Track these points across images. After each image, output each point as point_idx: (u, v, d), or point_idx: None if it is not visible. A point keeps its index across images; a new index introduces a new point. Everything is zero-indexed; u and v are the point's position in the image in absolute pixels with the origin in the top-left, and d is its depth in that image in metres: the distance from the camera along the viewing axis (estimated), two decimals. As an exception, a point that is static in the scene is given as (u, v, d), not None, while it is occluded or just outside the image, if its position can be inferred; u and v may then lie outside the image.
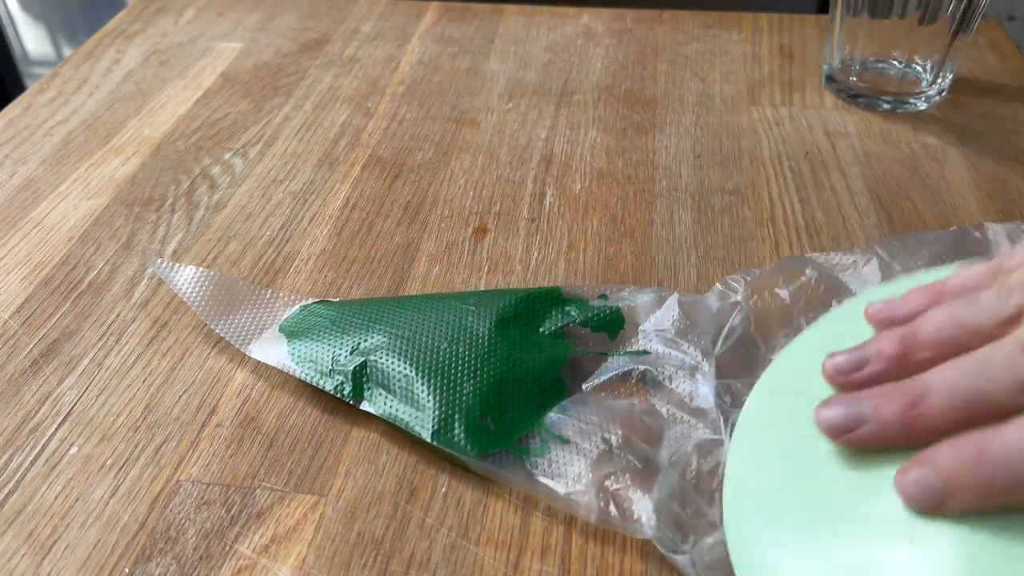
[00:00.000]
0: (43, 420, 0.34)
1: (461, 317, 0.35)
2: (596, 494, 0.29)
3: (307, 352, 0.35)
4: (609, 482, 0.29)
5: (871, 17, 0.50)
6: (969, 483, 0.23)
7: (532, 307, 0.36)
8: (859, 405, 0.25)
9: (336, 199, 0.46)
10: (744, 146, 0.49)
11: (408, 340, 0.34)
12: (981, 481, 0.23)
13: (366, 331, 0.35)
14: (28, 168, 0.49)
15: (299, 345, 0.35)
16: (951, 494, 0.23)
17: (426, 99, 0.54)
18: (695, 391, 0.32)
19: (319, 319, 0.36)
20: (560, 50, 0.59)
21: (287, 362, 0.35)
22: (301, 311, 0.37)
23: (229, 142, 0.51)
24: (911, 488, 0.24)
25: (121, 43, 0.62)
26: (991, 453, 0.23)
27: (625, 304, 0.36)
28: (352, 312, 0.36)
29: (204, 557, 0.29)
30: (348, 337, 0.35)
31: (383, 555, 0.29)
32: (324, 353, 0.34)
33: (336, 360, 0.34)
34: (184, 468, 0.32)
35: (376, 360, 0.34)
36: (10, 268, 0.41)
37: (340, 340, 0.35)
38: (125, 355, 0.37)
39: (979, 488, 0.23)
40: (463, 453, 0.31)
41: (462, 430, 0.31)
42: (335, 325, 0.35)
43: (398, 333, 0.34)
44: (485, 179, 0.47)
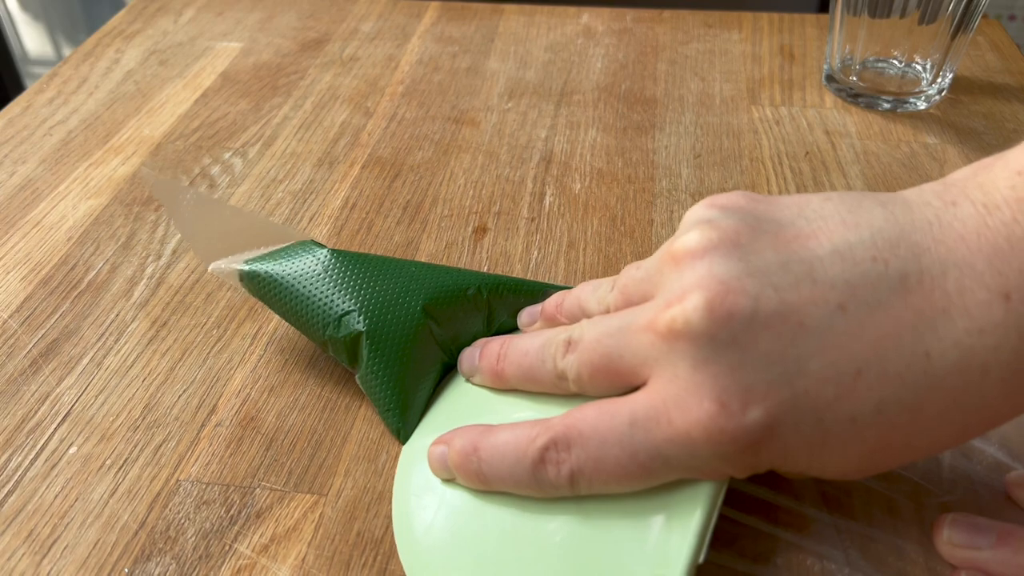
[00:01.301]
0: (42, 420, 0.34)
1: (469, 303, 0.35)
2: None
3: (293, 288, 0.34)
4: None
5: (871, 16, 0.50)
6: (465, 469, 0.29)
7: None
8: (474, 354, 0.33)
9: (336, 199, 0.46)
10: (744, 146, 0.49)
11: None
12: (473, 471, 0.28)
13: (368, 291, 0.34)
14: (27, 168, 0.49)
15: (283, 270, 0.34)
16: (456, 473, 0.29)
17: (426, 99, 0.54)
18: None
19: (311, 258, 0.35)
20: (560, 50, 0.59)
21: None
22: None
23: (228, 142, 0.51)
24: (432, 458, 0.30)
25: (121, 43, 0.62)
26: (481, 450, 0.28)
27: None
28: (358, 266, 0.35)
29: (204, 557, 0.29)
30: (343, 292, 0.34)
31: (383, 555, 0.29)
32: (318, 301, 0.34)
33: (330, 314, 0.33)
34: (184, 468, 0.32)
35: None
36: (9, 268, 0.41)
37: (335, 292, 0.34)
38: (124, 355, 0.37)
39: (472, 475, 0.28)
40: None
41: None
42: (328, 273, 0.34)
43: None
44: (485, 179, 0.47)
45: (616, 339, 0.27)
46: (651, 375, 0.26)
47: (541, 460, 0.27)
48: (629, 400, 0.26)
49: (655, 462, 0.25)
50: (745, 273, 0.24)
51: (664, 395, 0.25)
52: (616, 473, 0.26)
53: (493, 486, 0.28)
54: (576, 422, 0.27)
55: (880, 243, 0.24)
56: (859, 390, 0.23)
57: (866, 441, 0.24)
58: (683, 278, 0.25)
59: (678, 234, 0.27)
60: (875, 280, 0.23)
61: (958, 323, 0.23)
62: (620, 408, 0.26)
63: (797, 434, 0.24)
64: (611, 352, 0.27)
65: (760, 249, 0.25)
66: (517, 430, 0.28)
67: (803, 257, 0.24)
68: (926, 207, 0.24)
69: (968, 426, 0.24)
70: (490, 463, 0.28)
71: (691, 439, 0.24)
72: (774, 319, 0.24)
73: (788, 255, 0.25)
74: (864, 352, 0.23)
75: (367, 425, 0.33)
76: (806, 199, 0.26)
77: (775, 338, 0.24)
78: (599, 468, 0.26)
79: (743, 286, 0.24)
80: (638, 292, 0.28)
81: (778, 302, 0.24)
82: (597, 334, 0.28)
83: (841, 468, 0.25)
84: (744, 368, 0.24)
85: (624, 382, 0.27)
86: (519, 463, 0.27)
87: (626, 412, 0.26)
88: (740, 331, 0.24)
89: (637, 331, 0.26)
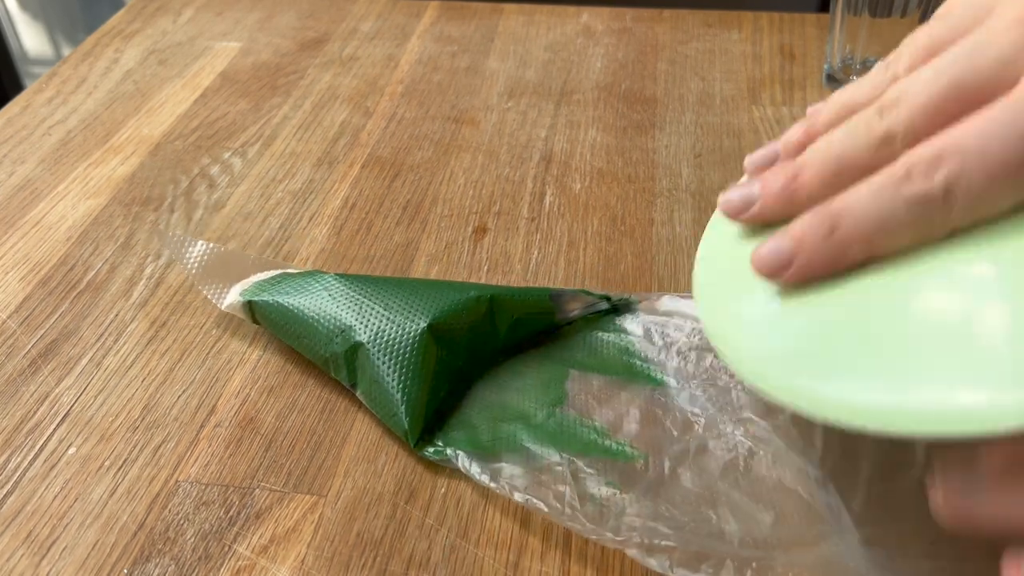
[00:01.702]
0: (41, 420, 0.34)
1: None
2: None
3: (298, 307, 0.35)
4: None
5: (872, 16, 0.50)
6: (812, 237, 0.24)
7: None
8: (751, 187, 0.27)
9: (335, 199, 0.46)
10: (745, 145, 0.49)
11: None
12: (824, 233, 0.24)
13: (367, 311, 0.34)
14: (26, 168, 0.49)
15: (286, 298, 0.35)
16: (797, 251, 0.24)
17: (425, 98, 0.54)
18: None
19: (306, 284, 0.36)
20: (560, 49, 0.59)
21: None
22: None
23: (228, 141, 0.50)
24: (764, 253, 0.25)
25: (120, 42, 0.62)
26: (834, 206, 0.24)
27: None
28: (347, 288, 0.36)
29: (203, 558, 0.29)
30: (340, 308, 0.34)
31: (382, 556, 0.29)
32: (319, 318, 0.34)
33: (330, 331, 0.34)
34: (183, 468, 0.32)
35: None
36: (8, 268, 0.41)
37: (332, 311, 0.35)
38: (124, 355, 0.36)
39: (821, 240, 0.24)
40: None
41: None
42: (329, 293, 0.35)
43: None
44: (485, 178, 0.47)
45: (962, 62, 0.23)
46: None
47: (907, 177, 0.22)
48: (1004, 98, 0.22)
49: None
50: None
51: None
52: (1002, 164, 0.21)
53: (849, 245, 0.23)
54: (943, 135, 0.22)
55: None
56: None
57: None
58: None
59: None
60: None
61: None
62: (995, 105, 0.22)
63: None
64: (958, 77, 0.23)
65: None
66: (873, 176, 0.23)
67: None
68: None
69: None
70: (845, 211, 0.23)
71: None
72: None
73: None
74: None
75: (366, 426, 0.33)
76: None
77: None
78: (981, 165, 0.21)
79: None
80: (956, 33, 0.24)
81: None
82: (925, 77, 0.23)
83: None
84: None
85: (982, 105, 0.22)
86: (882, 192, 0.23)
87: (1004, 103, 0.21)
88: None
89: (998, 34, 0.22)
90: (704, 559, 0.26)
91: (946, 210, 0.22)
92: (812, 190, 0.25)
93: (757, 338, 0.25)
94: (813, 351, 0.23)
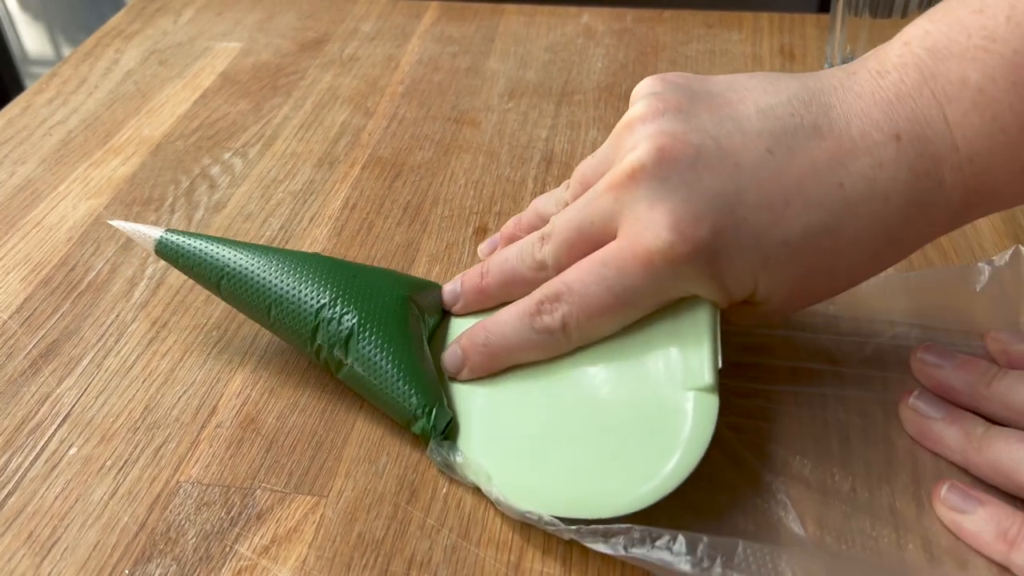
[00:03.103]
0: (43, 421, 0.34)
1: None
2: None
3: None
4: None
5: (872, 16, 0.50)
6: (474, 349, 0.33)
7: None
8: (456, 284, 0.36)
9: (336, 199, 0.46)
10: (745, 146, 0.49)
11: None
12: (480, 346, 0.33)
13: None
14: (27, 168, 0.49)
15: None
16: (466, 358, 0.33)
17: (426, 99, 0.54)
18: None
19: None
20: (560, 49, 0.59)
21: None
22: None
23: (228, 142, 0.50)
24: (445, 359, 0.34)
25: (120, 43, 0.62)
26: (487, 326, 0.33)
27: None
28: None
29: (204, 558, 0.29)
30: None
31: (384, 556, 0.29)
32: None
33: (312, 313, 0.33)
34: (184, 469, 0.32)
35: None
36: (9, 268, 0.41)
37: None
38: (125, 356, 0.36)
39: (479, 351, 0.33)
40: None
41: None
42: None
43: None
44: (485, 179, 0.47)
45: (584, 211, 0.31)
46: (618, 226, 0.30)
47: (537, 312, 0.31)
48: (601, 249, 0.30)
49: (627, 292, 0.30)
50: (688, 129, 0.29)
51: (628, 235, 0.29)
52: (598, 310, 0.30)
53: (500, 356, 0.33)
54: (562, 277, 0.31)
55: (796, 103, 0.29)
56: (789, 217, 0.28)
57: (798, 264, 0.29)
58: (635, 136, 0.30)
59: (629, 110, 0.32)
60: (794, 130, 0.29)
61: (862, 160, 0.28)
62: (594, 257, 0.30)
63: (741, 254, 0.28)
64: (581, 223, 0.31)
65: (699, 112, 0.30)
66: (517, 303, 0.32)
67: (734, 116, 0.30)
68: (831, 77, 0.30)
69: (879, 253, 0.30)
70: (494, 331, 0.32)
71: (653, 265, 0.29)
72: (714, 161, 0.29)
73: (722, 116, 0.30)
74: (790, 186, 0.28)
75: (368, 426, 0.33)
76: (734, 77, 0.32)
77: (716, 176, 0.29)
78: (583, 308, 0.30)
79: (687, 137, 0.29)
80: (596, 174, 0.32)
81: (716, 148, 0.29)
82: (566, 217, 0.32)
83: (783, 293, 0.30)
84: (693, 201, 0.28)
85: (598, 246, 0.31)
86: (520, 320, 0.32)
87: (598, 258, 0.30)
88: (687, 172, 0.29)
89: (601, 194, 0.30)
90: (658, 536, 0.27)
91: (565, 338, 0.31)
92: (494, 292, 0.34)
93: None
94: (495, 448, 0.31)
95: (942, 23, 0.29)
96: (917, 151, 0.28)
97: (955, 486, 0.29)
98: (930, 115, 0.28)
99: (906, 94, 0.28)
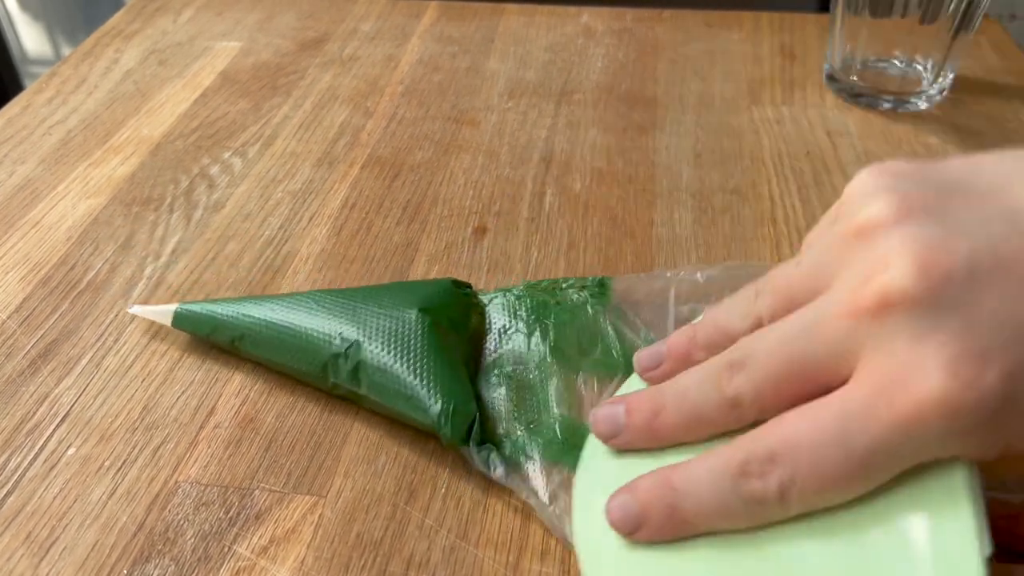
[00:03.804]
0: (41, 420, 0.34)
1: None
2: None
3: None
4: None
5: (872, 16, 0.50)
6: (658, 510, 0.25)
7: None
8: (617, 411, 0.29)
9: (335, 199, 0.46)
10: (745, 145, 0.49)
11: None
12: (666, 508, 0.25)
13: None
14: (26, 168, 0.49)
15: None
16: (644, 519, 0.26)
17: (426, 98, 0.54)
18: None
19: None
20: (560, 49, 0.59)
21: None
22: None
23: (228, 141, 0.50)
24: (614, 511, 0.26)
25: (120, 42, 0.62)
26: (675, 482, 0.25)
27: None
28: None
29: (203, 559, 0.29)
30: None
31: (382, 556, 0.29)
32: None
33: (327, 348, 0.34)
34: (182, 469, 0.32)
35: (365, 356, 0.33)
36: (8, 268, 0.41)
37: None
38: (123, 355, 0.36)
39: (664, 514, 0.25)
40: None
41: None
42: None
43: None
44: (485, 179, 0.47)
45: (802, 340, 0.24)
46: (856, 365, 0.23)
47: (743, 474, 0.24)
48: (835, 395, 0.23)
49: (877, 457, 0.22)
50: (948, 233, 0.22)
51: (880, 378, 0.22)
52: (832, 476, 0.23)
53: (690, 521, 0.25)
54: (777, 429, 0.24)
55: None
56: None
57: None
58: (877, 249, 0.23)
59: (852, 210, 0.24)
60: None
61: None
62: (826, 404, 0.23)
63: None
64: (797, 355, 0.24)
65: (954, 210, 0.23)
66: (712, 455, 0.25)
67: (1003, 211, 0.23)
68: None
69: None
70: (687, 492, 0.25)
71: (921, 420, 0.22)
72: (996, 275, 0.22)
73: (986, 211, 0.23)
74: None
75: (366, 426, 0.33)
76: (976, 159, 0.25)
77: (1000, 295, 0.22)
78: (813, 473, 0.23)
79: (951, 245, 0.22)
80: (805, 288, 0.26)
81: (993, 257, 0.22)
82: (770, 343, 0.25)
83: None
84: (973, 331, 0.21)
85: (819, 387, 0.24)
86: (720, 482, 0.24)
87: (836, 406, 0.23)
88: (961, 292, 0.22)
89: (831, 320, 0.24)
90: None
91: (781, 508, 0.24)
92: (670, 432, 0.27)
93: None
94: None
95: None
96: None
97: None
98: None
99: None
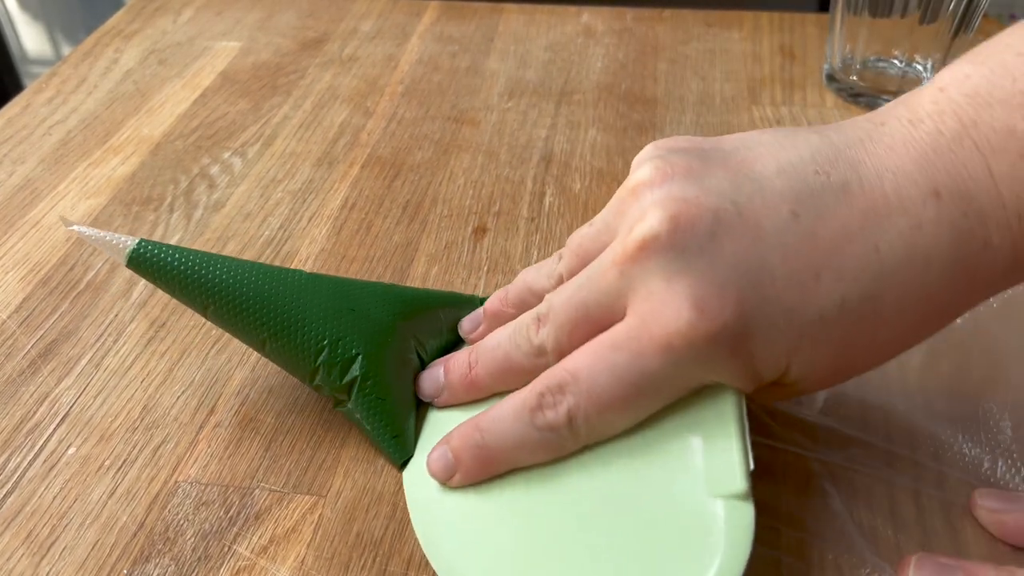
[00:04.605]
0: (41, 420, 0.34)
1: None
2: None
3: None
4: None
5: (872, 16, 0.50)
6: (466, 451, 0.29)
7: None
8: (437, 372, 0.32)
9: (335, 198, 0.46)
10: (744, 145, 0.49)
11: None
12: (474, 448, 0.28)
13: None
14: (26, 168, 0.49)
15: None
16: (458, 463, 0.29)
17: (426, 98, 0.54)
18: None
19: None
20: (560, 49, 0.59)
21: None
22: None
23: (228, 141, 0.50)
24: (432, 463, 0.30)
25: (120, 42, 0.62)
26: (482, 423, 0.29)
27: None
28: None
29: (203, 558, 0.29)
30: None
31: (382, 556, 0.29)
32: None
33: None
34: (183, 469, 0.32)
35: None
36: (8, 268, 0.41)
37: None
38: (123, 355, 0.36)
39: (473, 454, 0.28)
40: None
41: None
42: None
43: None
44: (485, 178, 0.47)
45: (586, 289, 0.28)
46: (627, 305, 0.27)
47: (538, 406, 0.27)
48: (609, 331, 0.27)
49: (644, 380, 0.26)
50: (702, 191, 0.26)
51: (641, 314, 0.26)
52: (610, 402, 0.27)
53: (497, 459, 0.28)
54: (565, 364, 0.27)
55: (819, 159, 0.26)
56: (822, 288, 0.25)
57: (835, 340, 0.26)
58: (642, 203, 0.27)
59: (631, 175, 0.28)
60: (820, 190, 0.26)
61: (899, 220, 0.25)
62: (602, 340, 0.27)
63: (771, 333, 0.25)
64: (584, 302, 0.28)
65: (712, 174, 0.27)
66: (514, 395, 0.28)
67: (752, 176, 0.26)
68: (857, 128, 0.27)
69: (924, 319, 0.26)
70: (491, 430, 0.28)
71: (672, 347, 0.25)
72: (735, 227, 0.26)
73: (738, 176, 0.27)
74: (821, 255, 0.25)
75: (367, 426, 0.33)
76: (745, 134, 0.28)
77: (738, 244, 0.25)
78: (592, 400, 0.27)
79: (702, 201, 0.26)
80: (595, 246, 0.29)
81: (736, 212, 0.26)
82: (565, 296, 0.28)
83: (819, 371, 0.27)
84: (715, 272, 0.25)
85: (604, 328, 0.27)
86: (519, 416, 0.28)
87: (607, 340, 0.27)
88: (705, 240, 0.25)
89: (605, 270, 0.27)
90: None
91: (572, 435, 0.27)
92: (486, 383, 0.31)
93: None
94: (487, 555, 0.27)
95: (983, 66, 0.26)
96: (960, 210, 0.25)
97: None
98: (972, 168, 0.25)
99: (944, 145, 0.25)
